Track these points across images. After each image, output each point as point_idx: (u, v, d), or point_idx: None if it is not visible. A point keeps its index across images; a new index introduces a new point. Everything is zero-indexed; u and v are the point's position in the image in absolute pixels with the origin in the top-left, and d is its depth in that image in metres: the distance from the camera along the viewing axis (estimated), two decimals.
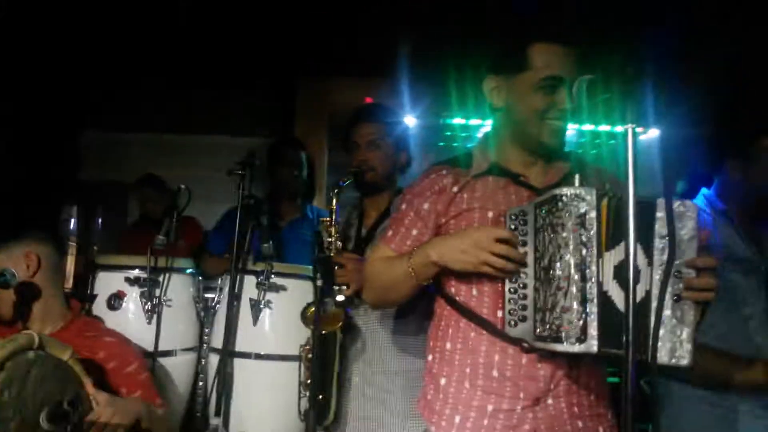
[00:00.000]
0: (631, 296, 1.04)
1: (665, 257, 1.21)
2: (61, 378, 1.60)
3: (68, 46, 3.80)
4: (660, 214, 1.24)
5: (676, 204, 1.24)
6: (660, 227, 1.23)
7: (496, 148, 1.58)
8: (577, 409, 1.43)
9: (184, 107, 4.60)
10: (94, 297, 2.26)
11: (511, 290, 1.37)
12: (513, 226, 1.39)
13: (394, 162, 2.22)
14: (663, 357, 1.20)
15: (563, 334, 1.22)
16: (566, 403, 1.42)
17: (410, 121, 4.06)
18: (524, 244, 1.37)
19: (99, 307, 2.22)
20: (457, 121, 4.46)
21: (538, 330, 1.31)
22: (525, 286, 1.36)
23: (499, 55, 1.53)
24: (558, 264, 1.25)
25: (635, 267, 1.04)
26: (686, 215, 1.24)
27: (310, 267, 2.30)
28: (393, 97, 3.83)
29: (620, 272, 1.20)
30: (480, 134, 4.46)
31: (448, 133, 4.56)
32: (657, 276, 1.22)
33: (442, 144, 4.54)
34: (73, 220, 2.90)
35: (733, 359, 1.70)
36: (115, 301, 2.22)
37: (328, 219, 2.08)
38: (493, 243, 1.36)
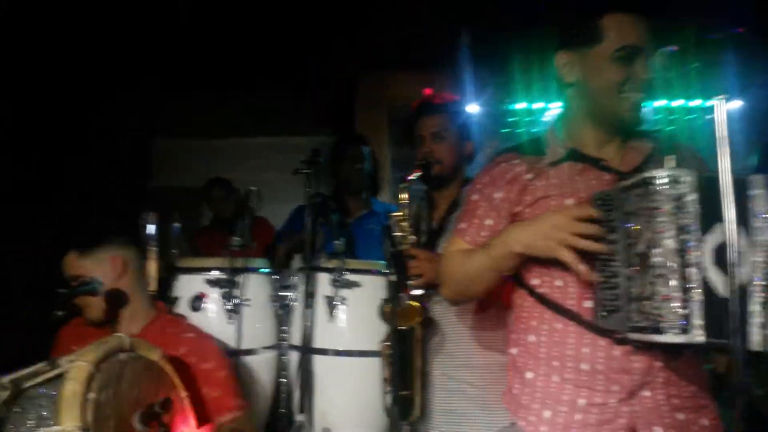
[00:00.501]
0: (733, 281, 0.97)
1: (765, 237, 1.14)
2: (153, 379, 1.66)
3: (139, 59, 3.95)
4: (756, 191, 1.16)
5: None
6: (758, 205, 1.16)
7: (568, 129, 1.52)
8: (677, 400, 1.37)
9: (248, 110, 4.71)
10: (175, 299, 2.34)
11: (602, 279, 1.32)
12: (599, 212, 1.33)
13: (461, 153, 2.19)
14: (760, 344, 1.12)
15: (665, 325, 1.16)
16: (665, 395, 1.36)
17: (472, 109, 4.00)
18: (612, 230, 1.30)
19: (181, 309, 2.28)
20: (520, 105, 4.36)
21: (633, 320, 1.25)
22: (616, 275, 1.29)
23: (570, 28, 1.47)
24: (655, 250, 1.18)
25: (737, 249, 0.98)
26: None
27: (382, 262, 2.31)
28: (453, 86, 3.78)
29: (720, 256, 1.13)
30: (545, 118, 4.42)
31: (512, 119, 4.48)
32: (757, 258, 1.14)
33: (506, 130, 4.46)
34: (151, 226, 3.00)
35: None
36: (197, 302, 2.28)
37: (399, 213, 2.07)
38: (575, 223, 1.31)
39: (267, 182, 3.21)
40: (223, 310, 2.28)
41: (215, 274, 2.31)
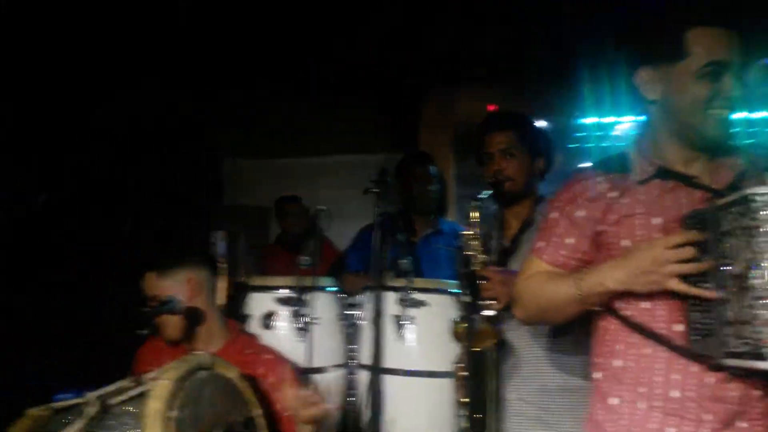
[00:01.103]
0: None
1: None
2: (231, 396, 1.69)
3: (209, 77, 4.07)
4: None
5: None
6: None
7: (652, 146, 1.47)
8: None
9: (312, 129, 4.79)
10: (246, 317, 2.38)
11: (694, 302, 1.26)
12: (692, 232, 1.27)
13: (531, 169, 2.15)
14: None
15: (766, 351, 1.09)
16: (762, 426, 1.29)
17: (540, 124, 3.94)
18: (705, 251, 1.24)
19: (253, 327, 2.32)
20: (590, 120, 4.26)
21: (730, 345, 1.18)
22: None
23: (653, 44, 1.41)
24: (756, 272, 1.12)
25: None
26: None
27: (450, 281, 2.29)
28: (520, 101, 3.74)
29: None
30: (616, 132, 4.29)
31: (580, 134, 4.37)
32: None
33: (573, 145, 4.36)
34: (221, 244, 3.08)
35: None
36: (268, 320, 2.32)
37: (470, 232, 2.04)
38: (672, 252, 1.25)
39: (330, 200, 3.25)
40: (292, 328, 2.31)
41: (285, 292, 2.34)
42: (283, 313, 2.33)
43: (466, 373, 1.85)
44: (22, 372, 2.75)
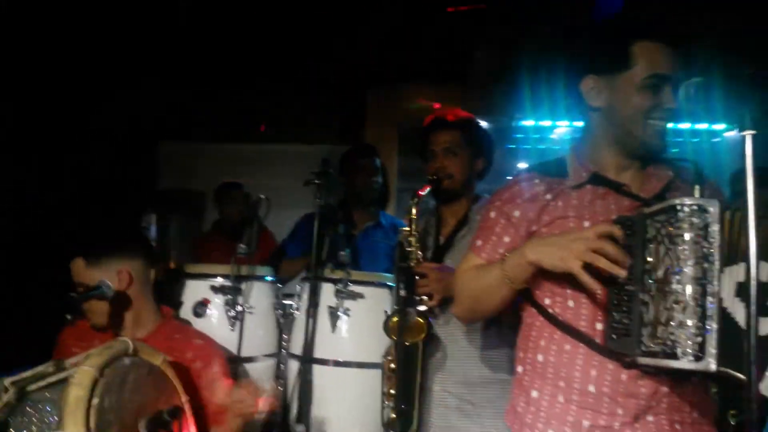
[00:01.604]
0: (751, 314, 0.97)
1: None
2: (156, 384, 1.64)
3: (146, 57, 3.95)
4: None
5: None
6: None
7: (589, 152, 1.53)
8: (680, 426, 1.37)
9: (256, 116, 4.72)
10: (178, 304, 2.33)
11: (615, 302, 1.32)
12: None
13: (471, 169, 2.19)
14: None
15: (679, 351, 1.15)
16: (668, 420, 1.36)
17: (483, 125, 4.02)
18: (630, 255, 1.30)
19: (184, 315, 2.28)
20: (528, 122, 4.37)
21: (645, 345, 1.24)
22: (630, 299, 1.29)
23: (600, 54, 1.47)
24: (676, 277, 1.18)
25: (758, 284, 0.98)
26: None
27: (387, 275, 2.31)
28: (463, 99, 3.79)
29: (744, 290, 1.12)
30: (553, 135, 4.43)
31: (518, 135, 4.48)
32: None
33: (511, 146, 4.47)
34: (152, 228, 2.99)
35: None
36: (201, 308, 2.28)
37: (407, 228, 2.06)
38: (594, 239, 1.30)
39: (271, 189, 3.21)
40: (225, 316, 2.28)
41: (220, 280, 2.31)
42: (217, 302, 2.30)
43: (394, 366, 1.87)
44: None
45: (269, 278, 2.46)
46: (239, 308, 2.26)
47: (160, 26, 3.65)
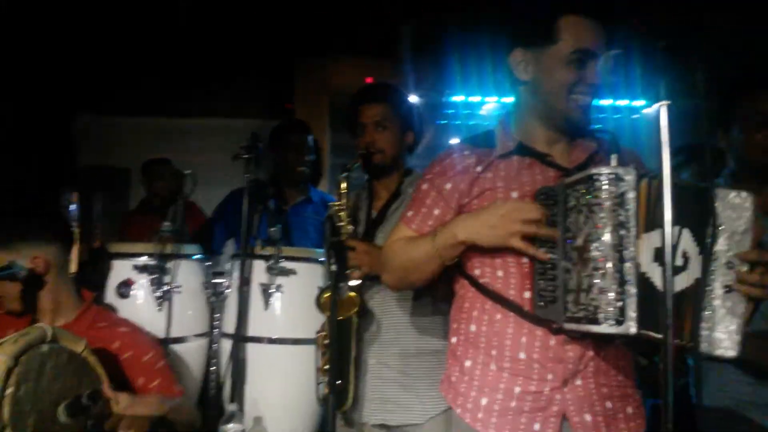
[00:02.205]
0: (667, 278, 1.02)
1: (723, 248, 1.21)
2: (76, 371, 1.58)
3: (63, 28, 3.71)
4: (718, 203, 1.22)
5: (732, 194, 1.23)
6: (716, 216, 1.22)
7: (518, 126, 1.55)
8: (606, 389, 1.43)
9: (182, 90, 4.53)
10: (102, 286, 2.24)
11: (540, 271, 1.35)
12: (542, 206, 1.37)
13: (402, 143, 2.18)
14: (709, 347, 1.19)
15: (600, 316, 1.20)
16: (595, 383, 1.41)
17: (412, 99, 4.02)
18: (554, 224, 1.34)
19: (108, 296, 2.19)
20: (458, 98, 4.40)
21: (570, 311, 1.29)
22: (554, 267, 1.33)
23: (528, 27, 1.48)
24: (595, 244, 1.22)
25: (674, 250, 1.03)
26: (742, 207, 1.22)
27: (319, 251, 2.29)
28: (394, 74, 3.78)
29: (661, 255, 1.17)
30: (482, 112, 4.49)
31: (450, 111, 4.51)
32: (712, 267, 1.21)
33: (441, 122, 4.50)
34: (73, 207, 2.85)
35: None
36: (125, 289, 2.19)
37: (338, 203, 2.05)
38: (520, 212, 1.35)
39: (198, 165, 3.11)
40: (152, 297, 2.20)
41: (144, 259, 2.22)
42: (142, 282, 2.22)
43: (327, 341, 1.87)
44: None
45: (197, 256, 2.39)
46: (166, 288, 2.20)
47: None
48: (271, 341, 2.18)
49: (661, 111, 1.06)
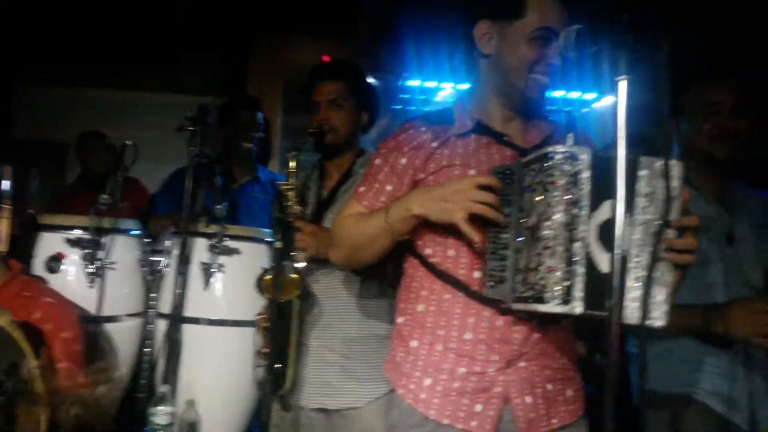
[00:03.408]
0: (615, 257, 1.00)
1: (647, 216, 1.19)
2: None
3: None
4: (643, 172, 1.21)
5: (659, 163, 1.21)
6: (643, 186, 1.21)
7: (477, 102, 1.53)
8: (548, 371, 1.43)
9: (128, 62, 4.33)
10: (30, 259, 2.11)
11: (492, 250, 1.33)
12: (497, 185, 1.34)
13: (356, 122, 2.13)
14: (637, 318, 1.18)
15: (547, 295, 1.18)
16: (537, 365, 1.41)
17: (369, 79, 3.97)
18: (508, 203, 1.32)
19: (37, 270, 2.06)
20: (414, 82, 4.37)
21: (518, 291, 1.27)
22: (506, 247, 1.31)
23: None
24: (547, 223, 1.20)
25: (622, 229, 1.01)
26: (671, 174, 1.21)
27: (265, 230, 2.22)
28: (350, 56, 3.70)
29: (604, 232, 1.16)
30: (437, 98, 4.47)
31: (405, 96, 4.48)
32: (636, 236, 1.19)
33: (397, 107, 4.46)
34: (6, 181, 2.68)
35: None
36: (54, 263, 2.07)
37: (286, 183, 1.97)
38: (475, 190, 1.32)
39: (145, 141, 2.98)
40: (83, 273, 2.09)
41: (77, 233, 2.11)
42: (74, 257, 2.10)
43: (268, 324, 1.81)
44: None
45: (135, 232, 2.28)
46: (99, 264, 2.08)
47: None
48: (210, 322, 2.10)
49: (619, 85, 1.04)
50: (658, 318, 1.19)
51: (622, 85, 1.05)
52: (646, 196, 1.20)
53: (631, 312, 1.17)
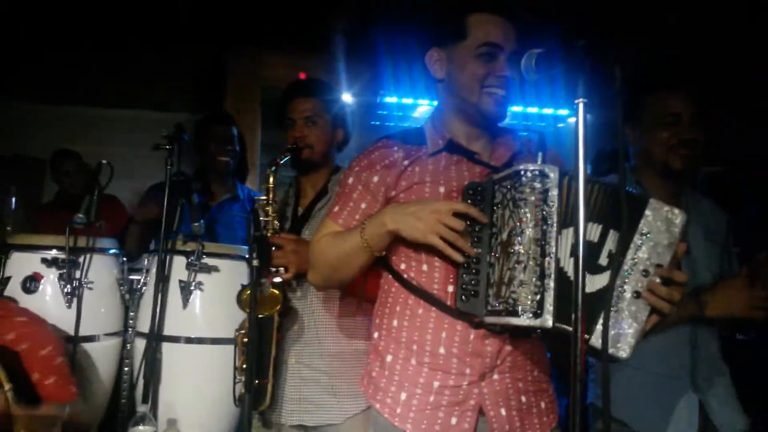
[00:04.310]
0: (579, 273, 1.04)
1: (639, 255, 1.24)
2: None
3: None
4: (648, 212, 1.26)
5: (666, 209, 1.27)
6: (644, 224, 1.26)
7: (442, 122, 1.57)
8: (522, 384, 1.45)
9: (105, 78, 4.32)
10: (7, 279, 2.09)
11: (465, 265, 1.36)
12: (469, 201, 1.38)
13: (332, 139, 2.15)
14: (608, 345, 1.21)
15: (519, 308, 1.21)
16: (511, 378, 1.43)
17: (345, 98, 3.99)
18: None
19: (13, 291, 2.05)
20: (392, 99, 4.42)
21: (491, 305, 1.30)
22: (478, 261, 1.34)
23: (440, 26, 1.54)
24: (518, 239, 1.24)
25: (599, 250, 1.04)
26: (673, 222, 1.26)
27: (244, 247, 2.23)
28: (328, 73, 3.74)
29: (575, 249, 1.19)
30: (416, 113, 4.51)
31: (382, 112, 4.52)
32: (625, 267, 1.25)
33: (375, 123, 4.49)
34: None
35: None
36: (31, 283, 2.06)
37: (264, 198, 1.99)
38: (450, 216, 1.35)
39: (121, 158, 2.98)
40: (61, 292, 2.09)
41: (53, 253, 2.10)
42: (51, 276, 2.10)
43: (246, 340, 1.81)
44: None
45: (113, 251, 2.28)
46: (76, 283, 2.08)
47: None
48: (189, 341, 2.10)
49: (579, 107, 1.08)
50: (622, 349, 1.23)
51: (581, 108, 1.09)
52: (643, 235, 1.26)
53: (597, 337, 1.20)
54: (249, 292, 1.86)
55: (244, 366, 1.83)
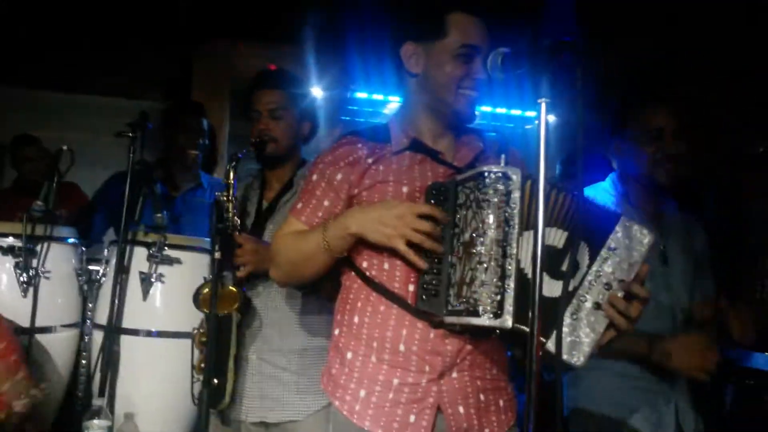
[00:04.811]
0: (537, 274, 1.05)
1: (605, 268, 1.26)
2: None
3: None
4: (618, 229, 1.27)
5: (636, 227, 1.29)
6: (612, 240, 1.27)
7: (409, 119, 1.57)
8: (480, 382, 1.46)
9: (68, 62, 4.20)
10: None
11: (426, 265, 1.36)
12: (432, 201, 1.38)
13: (298, 132, 2.12)
14: (561, 350, 1.22)
15: (480, 309, 1.22)
16: (470, 376, 1.44)
17: (315, 92, 3.95)
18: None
19: None
20: (362, 95, 4.40)
21: (451, 304, 1.30)
22: (440, 261, 1.35)
23: (419, 21, 1.52)
24: (481, 240, 1.25)
25: (563, 256, 1.04)
26: (641, 242, 1.27)
27: (207, 239, 2.19)
28: (299, 65, 3.70)
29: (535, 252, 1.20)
30: (387, 110, 4.49)
31: (353, 107, 4.50)
32: (590, 278, 1.26)
33: (346, 118, 4.47)
34: None
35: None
36: None
37: (225, 193, 1.93)
38: (415, 218, 1.35)
39: (83, 145, 2.90)
40: (16, 281, 2.03)
41: (9, 240, 2.05)
42: (6, 265, 2.04)
43: (205, 339, 1.79)
44: None
45: (71, 240, 2.22)
46: (33, 272, 2.03)
47: None
48: (149, 334, 2.07)
49: (541, 107, 1.09)
50: (576, 357, 1.24)
51: (543, 107, 1.10)
52: (611, 249, 1.27)
53: (554, 341, 1.21)
54: (207, 290, 1.84)
55: (202, 365, 1.80)
